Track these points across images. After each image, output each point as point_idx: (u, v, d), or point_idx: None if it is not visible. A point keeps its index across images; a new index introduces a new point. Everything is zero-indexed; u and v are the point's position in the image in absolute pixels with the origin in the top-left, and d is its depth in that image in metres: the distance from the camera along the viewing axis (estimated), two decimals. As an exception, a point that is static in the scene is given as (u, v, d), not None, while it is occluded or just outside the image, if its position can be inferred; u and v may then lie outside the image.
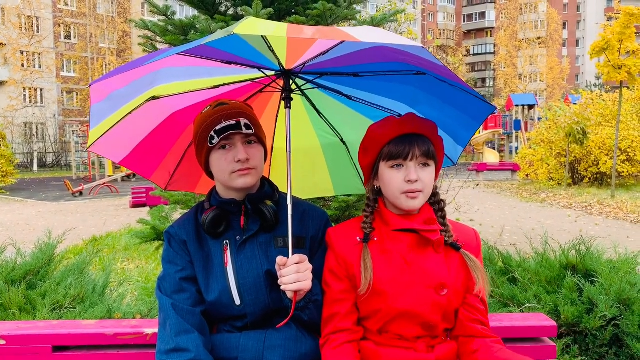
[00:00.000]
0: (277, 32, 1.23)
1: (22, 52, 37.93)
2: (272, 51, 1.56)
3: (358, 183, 2.18)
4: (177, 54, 1.40)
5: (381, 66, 1.68)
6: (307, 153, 2.13)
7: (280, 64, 1.68)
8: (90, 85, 1.52)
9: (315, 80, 1.86)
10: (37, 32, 39.45)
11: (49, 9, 40.72)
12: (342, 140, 2.10)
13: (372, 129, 1.69)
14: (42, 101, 40.45)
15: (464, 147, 1.88)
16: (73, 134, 29.26)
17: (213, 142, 1.66)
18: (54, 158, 39.87)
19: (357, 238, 1.68)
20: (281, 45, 1.53)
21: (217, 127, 1.65)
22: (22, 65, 37.84)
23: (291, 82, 1.80)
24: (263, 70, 1.76)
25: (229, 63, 1.65)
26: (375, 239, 1.67)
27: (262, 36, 1.46)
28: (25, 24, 38.57)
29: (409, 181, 1.59)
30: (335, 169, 2.19)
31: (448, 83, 1.60)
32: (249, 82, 1.88)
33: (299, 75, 1.81)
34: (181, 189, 2.10)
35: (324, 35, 1.27)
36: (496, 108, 1.74)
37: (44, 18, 40.21)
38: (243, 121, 1.67)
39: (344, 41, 1.45)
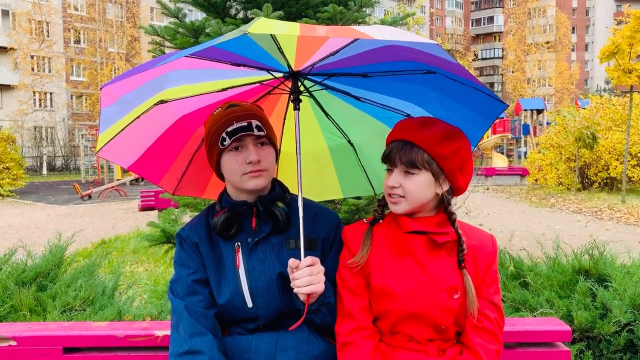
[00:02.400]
0: (291, 31, 1.22)
1: (32, 57, 38.21)
2: (282, 52, 1.55)
3: (366, 185, 2.18)
4: (187, 56, 1.39)
5: (391, 66, 1.67)
6: (315, 156, 2.12)
7: (288, 65, 1.67)
8: (101, 89, 1.52)
9: (323, 82, 1.85)
10: (47, 36, 39.72)
11: (59, 14, 41.05)
12: (349, 142, 2.09)
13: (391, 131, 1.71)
14: (51, 105, 40.74)
15: (475, 146, 1.86)
16: (82, 137, 29.42)
17: (224, 143, 1.66)
18: (63, 162, 40.09)
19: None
20: (291, 46, 1.52)
21: (229, 129, 1.65)
22: (32, 70, 38.09)
23: (299, 83, 1.79)
24: (272, 72, 1.76)
25: (238, 65, 1.65)
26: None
27: (272, 37, 1.45)
28: (36, 29, 38.86)
29: (388, 186, 1.63)
30: (342, 171, 2.17)
31: (459, 81, 1.59)
32: (257, 85, 1.87)
33: (308, 76, 1.80)
34: (189, 194, 2.09)
35: (337, 34, 1.27)
36: (508, 105, 1.72)
37: (54, 23, 40.53)
38: (254, 122, 1.67)
39: (355, 40, 1.44)
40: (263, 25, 1.20)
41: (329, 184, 2.20)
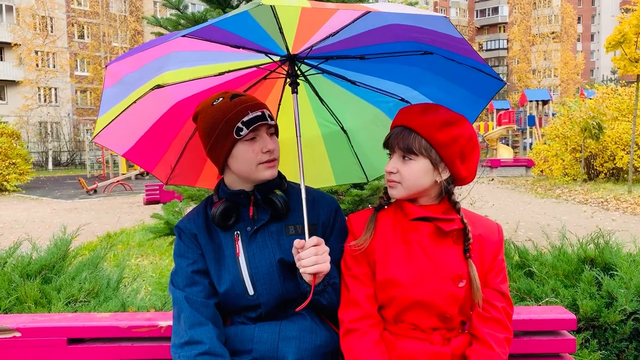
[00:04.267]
0: (300, 2, 1.22)
1: (36, 52, 38.21)
2: (282, 32, 1.54)
3: (359, 172, 2.18)
4: (187, 35, 1.39)
5: (389, 47, 1.66)
6: (308, 143, 2.09)
7: (287, 47, 1.66)
8: (106, 66, 1.49)
9: (320, 65, 1.84)
10: (51, 32, 39.75)
11: (62, 8, 41.06)
12: (342, 128, 2.08)
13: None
14: (56, 100, 40.82)
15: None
16: (87, 132, 29.50)
17: (241, 133, 1.62)
18: (69, 157, 40.27)
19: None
20: (292, 26, 1.51)
21: (245, 119, 1.62)
22: (37, 65, 38.08)
23: (296, 67, 1.78)
24: (269, 55, 1.74)
25: (237, 47, 1.63)
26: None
27: (274, 15, 1.44)
28: (39, 24, 38.88)
29: (386, 171, 1.64)
30: (335, 158, 2.17)
31: (457, 61, 1.57)
32: (254, 69, 1.85)
33: (305, 60, 1.79)
34: (182, 183, 2.07)
35: (346, 7, 1.26)
36: (506, 83, 1.70)
37: (58, 18, 40.54)
38: (266, 112, 1.66)
39: (357, 19, 1.44)
40: None
41: (322, 171, 2.19)
